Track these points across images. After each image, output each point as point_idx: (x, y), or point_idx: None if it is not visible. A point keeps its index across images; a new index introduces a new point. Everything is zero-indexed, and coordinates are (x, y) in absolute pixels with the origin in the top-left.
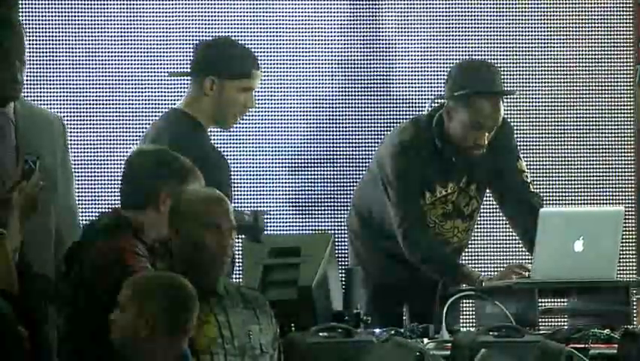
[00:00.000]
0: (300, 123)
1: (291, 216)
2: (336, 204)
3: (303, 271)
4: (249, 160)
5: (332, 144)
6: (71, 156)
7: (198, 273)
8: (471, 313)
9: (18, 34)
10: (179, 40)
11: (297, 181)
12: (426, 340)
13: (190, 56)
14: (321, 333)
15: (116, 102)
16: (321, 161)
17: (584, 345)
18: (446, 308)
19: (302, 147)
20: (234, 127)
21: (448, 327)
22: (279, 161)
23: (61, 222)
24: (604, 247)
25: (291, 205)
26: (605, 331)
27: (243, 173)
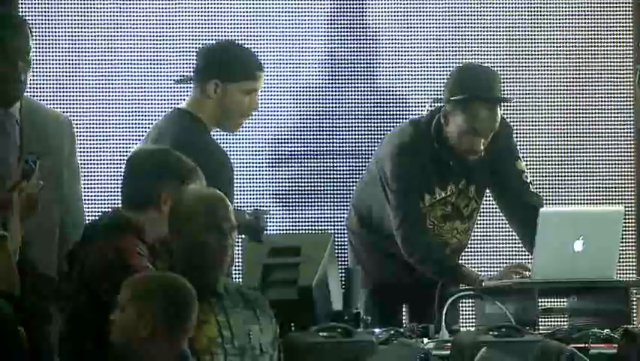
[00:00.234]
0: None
1: (291, 216)
2: (336, 203)
3: (303, 271)
4: (244, 158)
5: (332, 143)
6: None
7: (198, 273)
8: (471, 313)
9: (22, 34)
10: (180, 41)
11: (297, 181)
12: (426, 340)
13: (193, 58)
14: (321, 333)
15: (117, 103)
16: (321, 161)
17: (583, 345)
18: (446, 308)
19: (302, 147)
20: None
21: (448, 327)
22: (279, 161)
23: (67, 222)
24: (604, 246)
25: (291, 205)
26: (604, 331)
27: (237, 171)
